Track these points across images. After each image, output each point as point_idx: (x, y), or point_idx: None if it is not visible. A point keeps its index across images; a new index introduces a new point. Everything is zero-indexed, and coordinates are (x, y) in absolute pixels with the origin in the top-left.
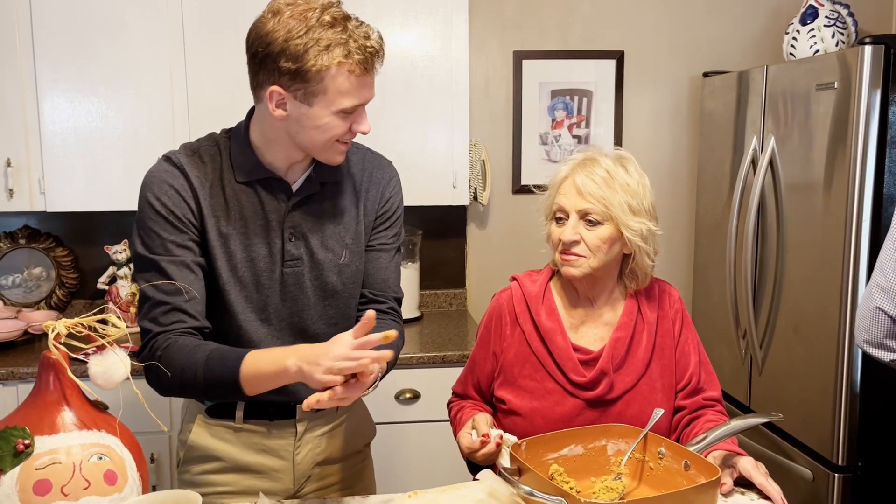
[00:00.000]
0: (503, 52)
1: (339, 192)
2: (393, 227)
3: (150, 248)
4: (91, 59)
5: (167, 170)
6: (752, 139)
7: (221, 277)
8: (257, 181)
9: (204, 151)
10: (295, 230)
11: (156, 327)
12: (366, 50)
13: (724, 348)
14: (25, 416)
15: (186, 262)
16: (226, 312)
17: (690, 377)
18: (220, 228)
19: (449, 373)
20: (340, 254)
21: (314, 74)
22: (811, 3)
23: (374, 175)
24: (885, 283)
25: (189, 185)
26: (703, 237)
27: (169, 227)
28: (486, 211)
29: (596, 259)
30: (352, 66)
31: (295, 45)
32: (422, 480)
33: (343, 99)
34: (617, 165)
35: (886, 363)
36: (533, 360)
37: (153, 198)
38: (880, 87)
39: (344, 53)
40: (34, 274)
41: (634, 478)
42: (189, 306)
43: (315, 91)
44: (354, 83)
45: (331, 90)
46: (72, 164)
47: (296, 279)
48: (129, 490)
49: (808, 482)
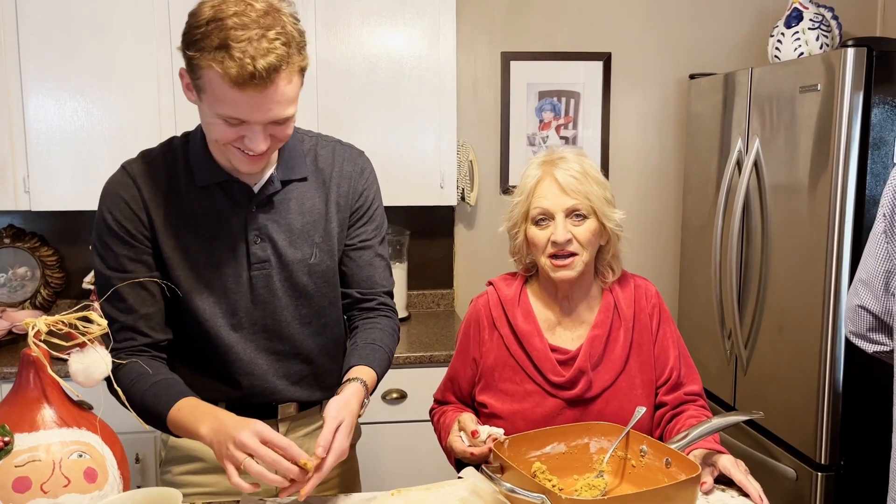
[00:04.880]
0: (491, 53)
1: (306, 189)
2: (372, 221)
3: (106, 262)
4: (77, 58)
5: (120, 181)
6: (738, 141)
7: (182, 287)
8: (216, 184)
9: (161, 158)
10: (260, 232)
11: (112, 343)
12: (244, 66)
13: (710, 348)
14: (5, 414)
15: (139, 279)
16: (194, 320)
17: (671, 372)
18: (179, 237)
19: (436, 373)
20: (310, 253)
21: (195, 67)
22: (796, 7)
23: (344, 168)
24: (866, 277)
25: (140, 196)
26: (689, 238)
27: (120, 243)
28: (474, 211)
29: (588, 253)
30: (223, 75)
31: (192, 32)
32: (407, 480)
33: (219, 105)
34: (583, 160)
35: (870, 354)
36: (512, 363)
37: (107, 212)
38: (863, 89)
39: (221, 58)
40: (19, 273)
41: (616, 475)
42: (140, 324)
43: (200, 86)
44: (229, 94)
45: (208, 91)
46: (57, 164)
47: (265, 281)
48: (109, 488)
49: (791, 481)
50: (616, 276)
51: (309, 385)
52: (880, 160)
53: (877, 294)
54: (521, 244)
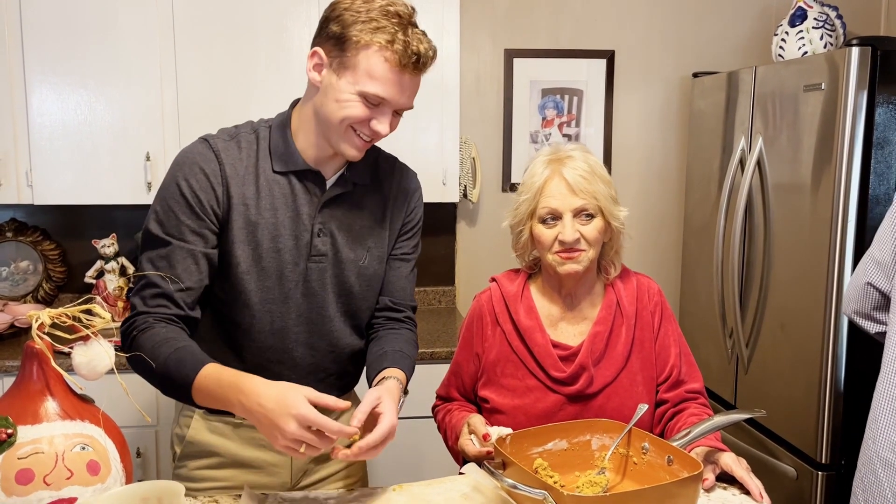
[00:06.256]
0: (494, 50)
1: (369, 196)
2: (414, 238)
3: (165, 227)
4: (80, 53)
5: (202, 153)
6: (741, 139)
7: (240, 266)
8: (293, 172)
9: (242, 138)
10: (324, 226)
11: (141, 306)
12: (409, 48)
13: (711, 347)
14: (8, 406)
15: (194, 252)
16: (243, 303)
17: (671, 369)
18: (249, 216)
19: (437, 370)
20: (362, 256)
21: (352, 45)
22: (800, 5)
23: (402, 184)
24: (880, 256)
25: (222, 171)
26: (691, 236)
27: (189, 212)
28: (476, 208)
29: (594, 251)
30: (389, 54)
31: (350, 14)
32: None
33: (369, 82)
34: (588, 158)
35: (872, 334)
36: (514, 359)
37: (182, 179)
38: (867, 88)
39: (387, 40)
40: (21, 267)
41: (618, 472)
42: (179, 296)
43: (347, 63)
44: (386, 72)
45: (361, 67)
46: (60, 158)
47: (319, 274)
48: (112, 480)
49: (792, 480)
50: (617, 271)
51: (330, 384)
52: (884, 160)
53: (888, 272)
54: (525, 241)
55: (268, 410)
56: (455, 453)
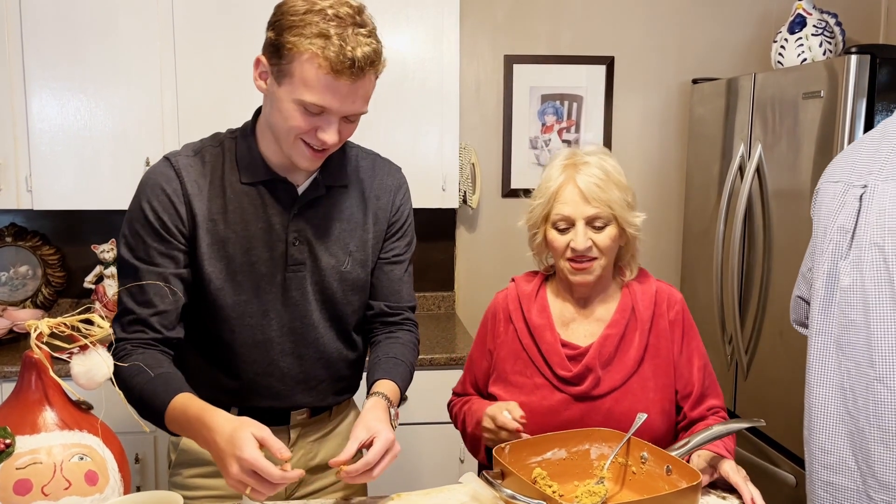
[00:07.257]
0: (494, 56)
1: (347, 197)
2: (405, 237)
3: (135, 252)
4: (80, 57)
5: (163, 172)
6: (740, 146)
7: (213, 283)
8: (262, 182)
9: (207, 152)
10: (299, 234)
11: (120, 332)
12: (344, 53)
13: (710, 353)
14: (7, 416)
15: (164, 275)
16: (221, 319)
17: (695, 385)
18: (218, 232)
19: (437, 376)
20: (343, 260)
21: (286, 52)
22: (799, 13)
23: (384, 181)
24: (804, 268)
25: (183, 189)
26: (690, 242)
27: (155, 235)
28: (476, 214)
29: (607, 259)
30: (322, 61)
31: (287, 19)
32: (406, 484)
33: (305, 91)
34: (605, 161)
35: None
36: (524, 357)
37: (145, 202)
38: (866, 96)
39: (321, 46)
40: (20, 272)
41: (617, 482)
42: (154, 320)
43: (285, 71)
44: (321, 80)
45: (297, 76)
46: (59, 163)
47: (298, 284)
48: (110, 491)
49: (791, 487)
50: (633, 274)
51: (323, 391)
52: None
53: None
54: (540, 243)
55: (219, 448)
56: (475, 440)
